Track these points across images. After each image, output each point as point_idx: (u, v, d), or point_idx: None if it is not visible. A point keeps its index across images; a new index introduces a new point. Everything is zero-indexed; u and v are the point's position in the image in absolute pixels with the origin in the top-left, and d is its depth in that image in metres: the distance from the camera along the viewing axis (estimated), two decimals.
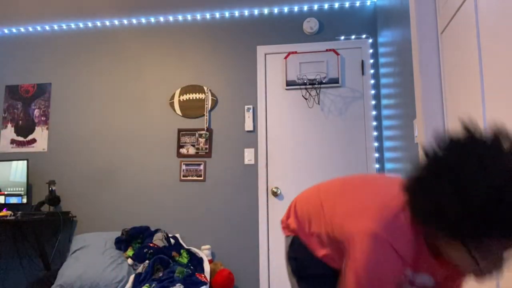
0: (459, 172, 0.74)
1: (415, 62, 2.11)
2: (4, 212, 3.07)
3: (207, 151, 3.37)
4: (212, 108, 3.44)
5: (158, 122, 3.49)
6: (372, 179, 1.10)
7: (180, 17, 3.60)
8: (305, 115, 3.30)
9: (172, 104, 3.48)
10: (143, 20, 3.65)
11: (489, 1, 1.46)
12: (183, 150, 3.41)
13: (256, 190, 3.26)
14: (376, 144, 3.17)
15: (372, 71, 3.26)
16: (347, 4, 3.38)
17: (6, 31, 3.85)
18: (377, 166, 3.15)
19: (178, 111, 3.46)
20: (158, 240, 2.98)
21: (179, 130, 3.44)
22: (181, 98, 3.48)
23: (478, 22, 1.56)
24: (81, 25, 3.74)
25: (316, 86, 3.30)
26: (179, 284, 2.56)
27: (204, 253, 3.09)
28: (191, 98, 3.47)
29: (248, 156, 3.31)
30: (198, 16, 3.58)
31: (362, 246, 0.90)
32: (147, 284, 2.60)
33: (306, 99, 3.32)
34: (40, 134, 3.64)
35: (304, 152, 3.26)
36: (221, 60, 3.49)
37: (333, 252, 1.08)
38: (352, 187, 1.09)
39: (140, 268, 2.81)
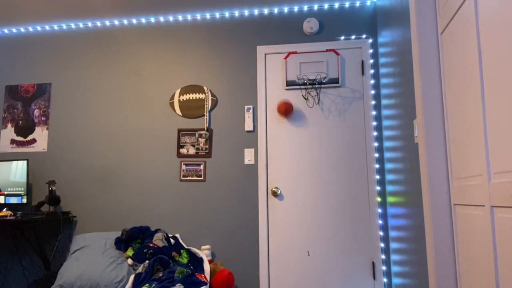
0: None
1: (415, 62, 2.11)
2: (4, 212, 3.07)
3: (207, 151, 3.37)
4: (212, 108, 3.44)
5: (158, 122, 3.49)
6: None
7: (180, 17, 3.60)
8: (305, 115, 3.30)
9: (172, 104, 3.48)
10: (143, 20, 3.65)
11: (489, 1, 1.46)
12: (183, 150, 3.41)
13: (256, 190, 3.27)
14: (376, 144, 3.17)
15: (372, 71, 3.26)
16: (347, 4, 3.38)
17: (6, 31, 3.85)
18: (377, 166, 3.14)
19: (178, 111, 3.46)
20: (158, 240, 2.99)
21: (179, 130, 3.44)
22: (181, 98, 3.48)
23: (478, 22, 1.56)
24: (81, 25, 3.74)
25: (316, 86, 3.30)
26: (179, 284, 2.56)
27: (204, 253, 3.09)
28: (191, 98, 3.47)
29: (248, 156, 3.31)
30: (198, 16, 3.58)
31: None
32: (147, 284, 2.60)
33: (306, 99, 3.32)
34: (40, 134, 3.64)
35: (304, 152, 3.26)
36: (221, 60, 3.50)
37: None
38: None
39: (140, 268, 2.81)
